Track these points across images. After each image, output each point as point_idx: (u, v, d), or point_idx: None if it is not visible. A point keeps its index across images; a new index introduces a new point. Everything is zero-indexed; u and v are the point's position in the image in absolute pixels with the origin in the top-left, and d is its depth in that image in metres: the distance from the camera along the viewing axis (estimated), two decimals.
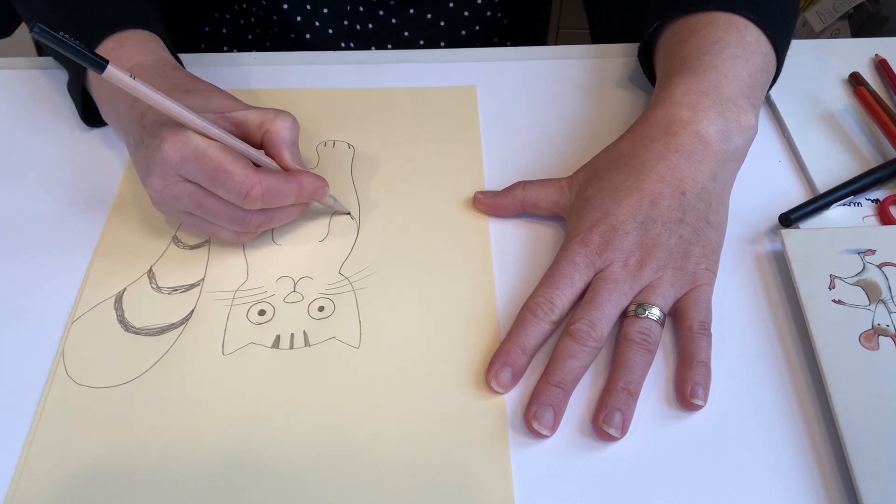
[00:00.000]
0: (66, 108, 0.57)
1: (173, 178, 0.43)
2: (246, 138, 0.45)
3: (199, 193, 0.43)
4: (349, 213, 0.50)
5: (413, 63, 0.61)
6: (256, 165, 0.44)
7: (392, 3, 0.67)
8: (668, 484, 0.38)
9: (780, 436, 0.39)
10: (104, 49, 0.49)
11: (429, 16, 0.68)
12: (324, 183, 0.46)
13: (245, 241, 0.47)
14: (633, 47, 0.61)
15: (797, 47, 0.59)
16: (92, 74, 0.41)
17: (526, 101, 0.58)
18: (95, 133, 0.55)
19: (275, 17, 0.67)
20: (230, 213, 0.44)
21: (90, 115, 0.54)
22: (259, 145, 0.45)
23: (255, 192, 0.42)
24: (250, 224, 0.45)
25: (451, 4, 0.68)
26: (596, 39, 0.70)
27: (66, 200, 0.51)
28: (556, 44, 0.69)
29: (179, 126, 0.42)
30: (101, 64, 0.38)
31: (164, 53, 0.51)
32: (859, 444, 0.37)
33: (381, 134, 0.55)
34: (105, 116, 0.51)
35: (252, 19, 0.69)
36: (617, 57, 0.62)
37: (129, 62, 0.48)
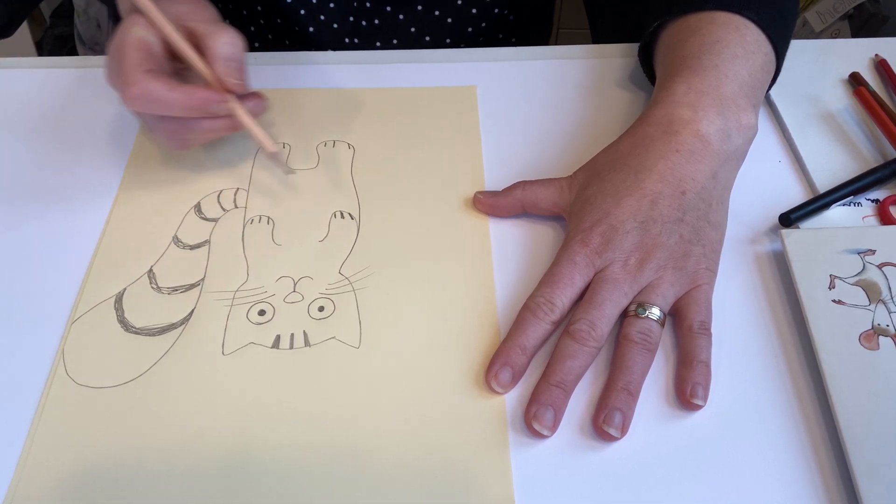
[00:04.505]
0: (66, 108, 0.57)
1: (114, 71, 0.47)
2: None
3: None
4: (293, 172, 0.51)
5: (413, 63, 0.61)
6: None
7: None
8: (668, 484, 0.38)
9: (780, 436, 0.39)
10: None
11: (436, 12, 0.68)
12: (220, 97, 0.47)
13: (175, 147, 0.50)
14: (633, 47, 0.61)
15: (797, 47, 0.59)
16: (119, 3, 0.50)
17: (526, 101, 0.58)
18: (95, 133, 0.55)
19: (280, 10, 0.66)
20: (152, 115, 0.47)
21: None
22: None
23: (130, 91, 0.44)
24: (167, 130, 0.48)
25: (460, 2, 0.68)
26: (596, 39, 0.70)
27: (66, 200, 0.51)
28: (556, 44, 0.69)
29: (127, 23, 0.46)
30: None
31: None
32: (859, 444, 0.37)
33: (381, 134, 0.55)
34: None
35: (258, 7, 0.68)
36: (617, 57, 0.62)
37: None
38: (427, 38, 0.70)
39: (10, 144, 0.55)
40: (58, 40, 1.29)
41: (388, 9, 0.68)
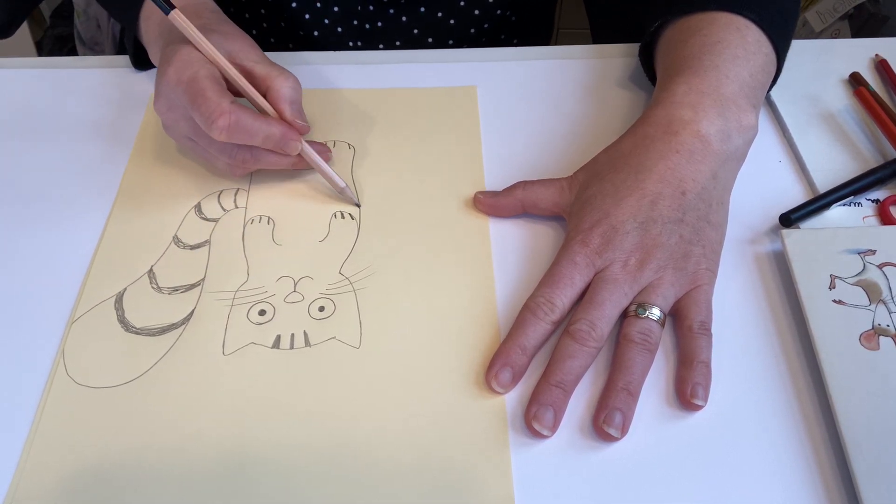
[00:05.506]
0: (65, 108, 0.57)
1: (175, 101, 0.46)
2: None
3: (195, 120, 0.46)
4: (358, 205, 0.50)
5: (413, 63, 0.61)
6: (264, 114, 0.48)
7: (403, 1, 0.67)
8: (668, 484, 0.38)
9: (781, 436, 0.39)
10: None
11: (439, 14, 0.68)
12: (294, 136, 0.47)
13: (236, 174, 0.50)
14: (633, 47, 0.61)
15: (797, 47, 0.59)
16: (143, 24, 0.52)
17: (526, 101, 0.58)
18: (94, 133, 0.55)
19: (284, 14, 0.67)
20: (219, 143, 0.47)
21: (139, 62, 0.60)
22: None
23: (221, 121, 0.44)
24: (236, 157, 0.48)
25: (462, 3, 0.68)
26: (596, 39, 0.70)
27: (66, 200, 0.51)
28: (556, 44, 0.69)
29: (189, 57, 0.45)
30: (168, 8, 0.45)
31: None
32: (859, 444, 0.37)
33: (381, 134, 0.55)
34: (151, 57, 0.55)
35: (262, 11, 0.68)
36: (617, 57, 0.62)
37: (179, 2, 0.51)
38: (430, 40, 0.70)
39: (10, 144, 0.55)
40: (58, 40, 1.30)
41: (392, 11, 0.68)
